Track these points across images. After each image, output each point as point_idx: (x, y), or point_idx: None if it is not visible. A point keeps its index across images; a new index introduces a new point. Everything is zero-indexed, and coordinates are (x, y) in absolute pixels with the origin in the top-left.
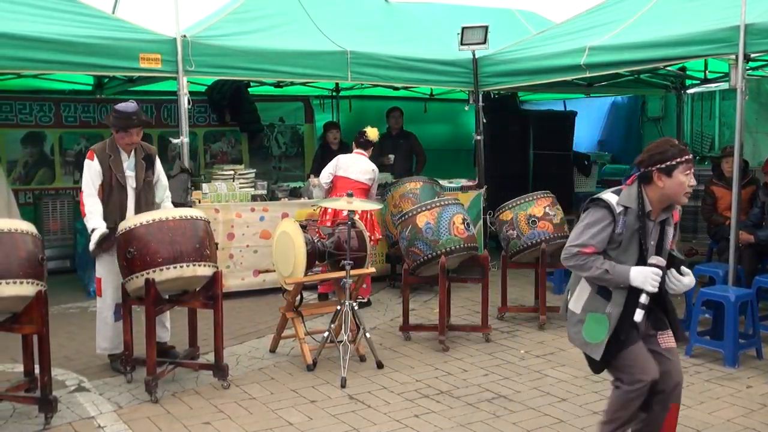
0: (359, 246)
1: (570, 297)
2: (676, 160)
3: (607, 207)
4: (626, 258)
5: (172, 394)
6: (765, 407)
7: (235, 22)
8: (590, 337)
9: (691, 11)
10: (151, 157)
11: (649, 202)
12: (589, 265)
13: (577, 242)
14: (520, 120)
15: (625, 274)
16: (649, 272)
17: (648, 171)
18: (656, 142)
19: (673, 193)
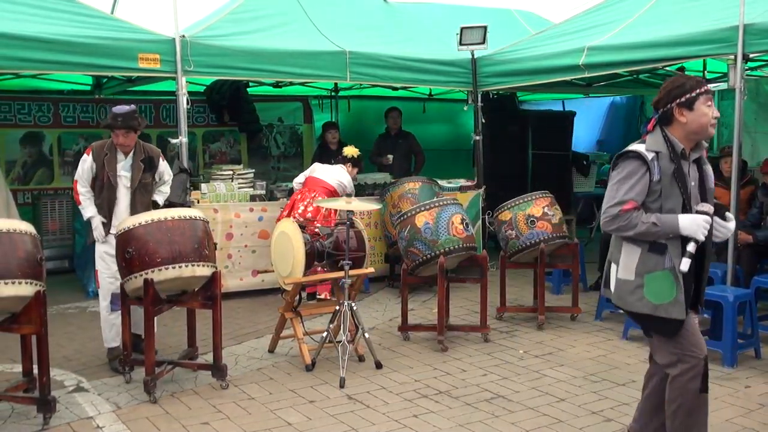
0: (358, 246)
1: (613, 268)
2: (695, 92)
3: (638, 156)
4: (671, 205)
5: (170, 394)
6: (763, 407)
7: (233, 22)
8: (659, 298)
9: (689, 11)
10: (152, 160)
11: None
12: (634, 222)
13: (616, 200)
14: (519, 120)
15: (675, 223)
16: (700, 219)
17: (668, 109)
18: (669, 80)
19: (698, 127)
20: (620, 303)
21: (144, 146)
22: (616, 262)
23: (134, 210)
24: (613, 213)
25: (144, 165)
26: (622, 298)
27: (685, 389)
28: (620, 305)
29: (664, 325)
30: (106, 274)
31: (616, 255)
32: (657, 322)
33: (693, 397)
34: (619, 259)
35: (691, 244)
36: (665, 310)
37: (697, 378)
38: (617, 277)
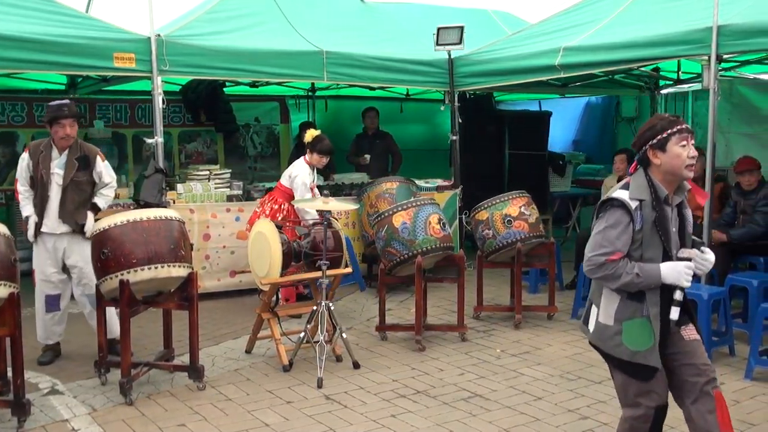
0: (335, 246)
1: (593, 309)
2: (666, 132)
3: (622, 205)
4: (651, 254)
5: (146, 395)
6: (738, 403)
7: (210, 22)
8: (636, 345)
9: (664, 13)
10: (87, 158)
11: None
12: (619, 273)
13: (602, 250)
14: (496, 120)
15: (657, 274)
16: (681, 266)
17: (643, 151)
18: (647, 122)
19: (672, 168)
20: (599, 344)
21: (81, 145)
22: (597, 306)
23: (64, 209)
24: (599, 261)
25: (78, 163)
26: (602, 341)
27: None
28: (598, 346)
29: (640, 371)
30: (40, 277)
31: (597, 298)
32: (633, 367)
33: None
34: (600, 304)
35: (677, 292)
36: (643, 357)
37: (647, 423)
38: (597, 320)
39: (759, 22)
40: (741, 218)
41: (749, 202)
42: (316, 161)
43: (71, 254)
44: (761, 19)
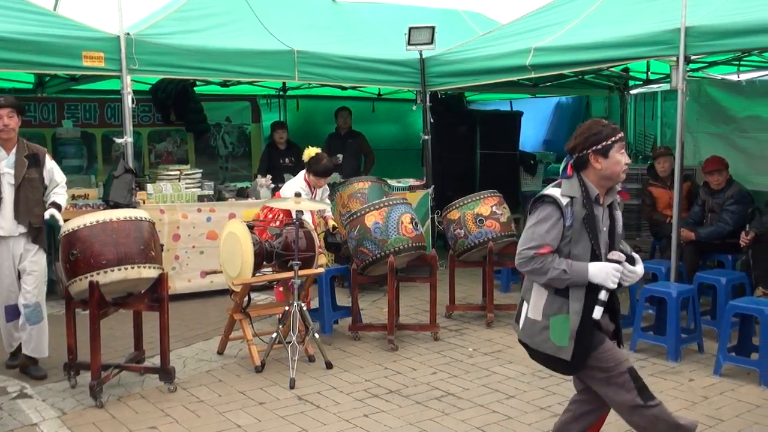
0: (308, 246)
1: (524, 306)
2: (611, 140)
3: (554, 202)
4: (579, 251)
5: (117, 398)
6: (707, 400)
7: (179, 21)
8: (560, 341)
9: (633, 14)
10: (36, 156)
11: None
12: (546, 268)
13: (532, 244)
14: (467, 120)
15: (584, 272)
16: (609, 268)
17: (584, 154)
18: (586, 125)
19: (612, 174)
20: (527, 341)
21: (28, 144)
22: (527, 301)
23: (18, 208)
24: (528, 255)
25: (28, 161)
26: (530, 337)
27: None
28: (526, 342)
29: (562, 366)
30: None
31: (528, 294)
32: (557, 362)
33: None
34: (530, 299)
35: (602, 292)
36: (565, 353)
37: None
38: (527, 315)
39: (726, 24)
40: (709, 217)
41: (717, 201)
42: (314, 183)
43: (25, 259)
44: (728, 20)
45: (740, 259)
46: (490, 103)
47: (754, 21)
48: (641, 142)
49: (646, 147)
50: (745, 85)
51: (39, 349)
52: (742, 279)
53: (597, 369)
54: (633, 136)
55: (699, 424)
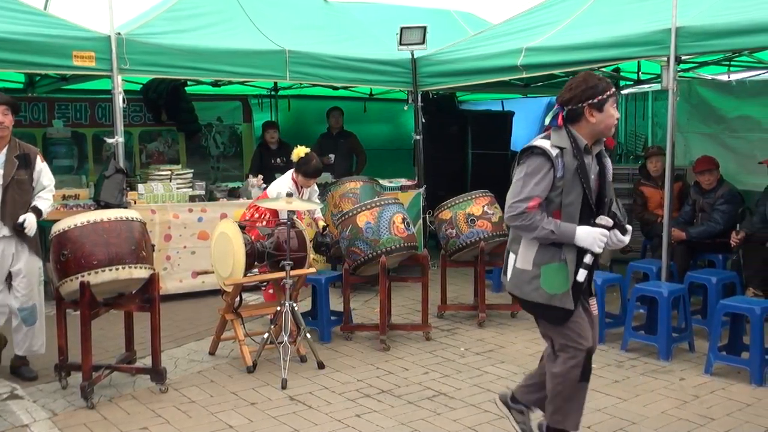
0: (299, 246)
1: (511, 257)
2: (606, 94)
3: (543, 153)
4: (570, 200)
5: (108, 399)
6: (697, 398)
7: (171, 20)
8: (553, 288)
9: (624, 14)
10: (27, 157)
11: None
12: (535, 225)
13: (522, 196)
14: (459, 120)
15: (571, 234)
16: (597, 233)
17: (579, 107)
18: (580, 78)
19: (605, 127)
20: (516, 291)
21: (20, 143)
22: (515, 252)
23: (4, 209)
24: (519, 209)
25: (18, 161)
26: (519, 287)
27: (566, 377)
28: (515, 293)
29: (555, 313)
30: None
31: (515, 246)
32: (549, 310)
33: (572, 385)
34: (518, 250)
35: (587, 255)
36: (559, 300)
37: (578, 368)
38: (515, 266)
39: (716, 24)
40: (699, 216)
41: (708, 201)
42: (302, 183)
43: (17, 261)
44: (719, 21)
45: (731, 258)
46: (482, 103)
47: (745, 21)
48: (632, 142)
49: (637, 147)
50: (735, 86)
51: (32, 349)
52: (732, 278)
53: (560, 334)
54: (624, 136)
55: (690, 423)
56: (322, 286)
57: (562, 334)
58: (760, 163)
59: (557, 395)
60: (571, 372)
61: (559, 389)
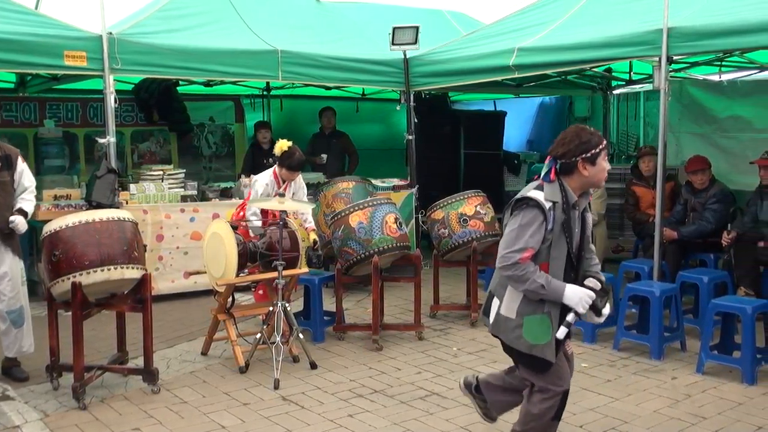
0: (291, 246)
1: (495, 302)
2: (599, 147)
3: (538, 205)
4: (556, 253)
5: (100, 400)
6: (689, 397)
7: (162, 20)
8: (535, 339)
9: (616, 14)
10: (9, 158)
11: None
12: (527, 277)
13: (516, 247)
14: (451, 120)
15: (560, 292)
16: (584, 294)
17: (573, 161)
18: (573, 132)
19: (597, 180)
20: (499, 335)
21: (1, 144)
22: (500, 298)
23: None
24: (513, 259)
25: (0, 162)
26: (504, 333)
27: (542, 417)
28: (498, 336)
29: (535, 362)
30: None
31: (501, 292)
32: (531, 359)
33: (545, 424)
34: (503, 296)
35: (571, 314)
36: (540, 351)
37: (553, 409)
38: (498, 312)
39: (708, 25)
40: (691, 216)
41: (699, 200)
42: (285, 176)
43: (2, 264)
44: (710, 21)
45: (722, 258)
46: (474, 103)
47: (736, 22)
48: (624, 142)
49: (629, 147)
50: (726, 86)
51: (22, 350)
52: (724, 278)
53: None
54: (616, 136)
55: (682, 422)
56: (315, 286)
57: (541, 378)
58: (751, 163)
59: (529, 430)
60: (546, 413)
61: (532, 425)
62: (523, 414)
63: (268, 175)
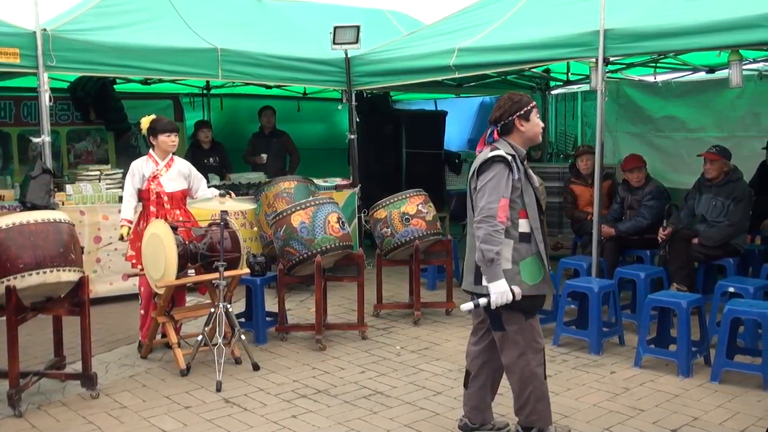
0: (233, 247)
1: None
2: (530, 105)
3: (503, 160)
4: (528, 200)
5: (37, 406)
6: (628, 391)
7: (99, 17)
8: (533, 279)
9: (555, 16)
10: None
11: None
12: (496, 241)
13: (493, 197)
14: (393, 119)
15: (496, 277)
16: (508, 292)
17: (510, 120)
18: (504, 97)
19: (534, 134)
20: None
21: None
22: None
23: None
24: (493, 210)
25: None
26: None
27: (535, 377)
28: None
29: (535, 302)
30: None
31: None
32: (531, 300)
33: (540, 384)
34: None
35: (483, 299)
36: (538, 288)
37: (541, 366)
38: None
39: (643, 27)
40: (628, 213)
41: (636, 198)
42: (164, 146)
43: None
44: (645, 24)
45: (658, 254)
46: (416, 103)
47: (670, 25)
48: (562, 142)
49: (567, 146)
50: (661, 87)
51: None
52: (660, 273)
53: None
54: (554, 135)
55: (621, 415)
56: (257, 286)
57: (524, 336)
58: (698, 155)
59: (529, 397)
60: (538, 371)
61: (530, 390)
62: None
63: (141, 164)
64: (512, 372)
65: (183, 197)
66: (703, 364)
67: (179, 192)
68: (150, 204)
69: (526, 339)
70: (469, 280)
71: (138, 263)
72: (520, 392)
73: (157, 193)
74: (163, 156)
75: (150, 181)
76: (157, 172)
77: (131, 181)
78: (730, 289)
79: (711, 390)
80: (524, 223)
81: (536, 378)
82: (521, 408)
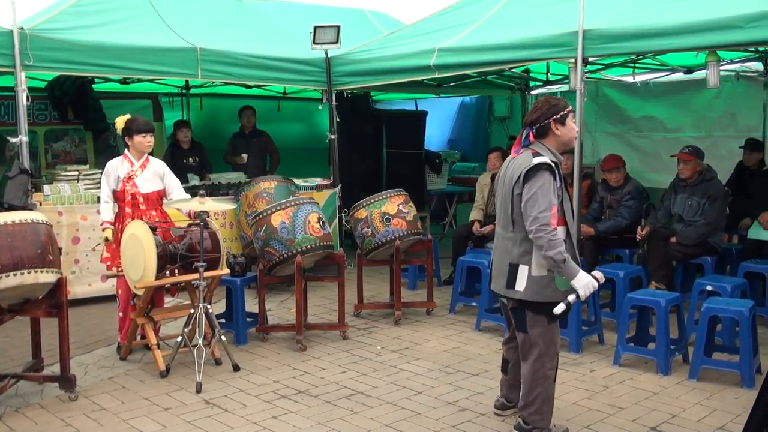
0: (213, 247)
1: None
2: (567, 109)
3: (549, 168)
4: (566, 206)
5: (15, 409)
6: (607, 389)
7: (77, 15)
8: (563, 285)
9: (534, 16)
10: None
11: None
12: (558, 245)
13: (544, 206)
14: (373, 119)
15: (575, 272)
16: (591, 282)
17: (546, 123)
18: (541, 101)
19: (569, 139)
20: (536, 297)
21: None
22: (527, 264)
23: None
24: (545, 220)
25: None
26: (540, 293)
27: (546, 378)
28: (535, 299)
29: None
30: None
31: (527, 258)
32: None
33: (551, 386)
34: (531, 260)
35: (572, 295)
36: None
37: (555, 369)
38: (531, 275)
39: (621, 28)
40: (607, 213)
41: (615, 197)
42: (140, 143)
43: None
44: (624, 24)
45: (637, 253)
46: (396, 103)
47: (648, 26)
48: None
49: None
50: (639, 87)
51: None
52: (639, 272)
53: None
54: None
55: (600, 413)
56: (237, 287)
57: (545, 339)
58: (672, 156)
59: (538, 396)
60: (551, 374)
61: (539, 391)
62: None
63: (116, 165)
64: (527, 371)
65: (159, 198)
66: (682, 362)
67: (155, 193)
68: (125, 205)
69: (546, 342)
70: (501, 283)
71: (113, 265)
72: (530, 391)
73: (132, 194)
74: (138, 156)
75: (125, 182)
76: (132, 173)
77: (107, 182)
78: (708, 287)
79: (689, 387)
80: (561, 230)
81: (547, 380)
82: (527, 405)
